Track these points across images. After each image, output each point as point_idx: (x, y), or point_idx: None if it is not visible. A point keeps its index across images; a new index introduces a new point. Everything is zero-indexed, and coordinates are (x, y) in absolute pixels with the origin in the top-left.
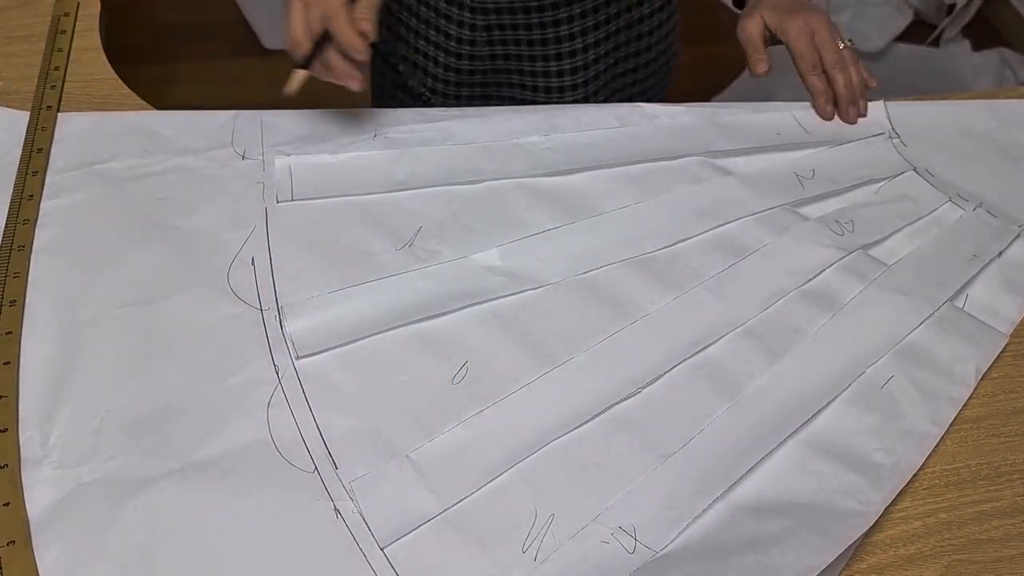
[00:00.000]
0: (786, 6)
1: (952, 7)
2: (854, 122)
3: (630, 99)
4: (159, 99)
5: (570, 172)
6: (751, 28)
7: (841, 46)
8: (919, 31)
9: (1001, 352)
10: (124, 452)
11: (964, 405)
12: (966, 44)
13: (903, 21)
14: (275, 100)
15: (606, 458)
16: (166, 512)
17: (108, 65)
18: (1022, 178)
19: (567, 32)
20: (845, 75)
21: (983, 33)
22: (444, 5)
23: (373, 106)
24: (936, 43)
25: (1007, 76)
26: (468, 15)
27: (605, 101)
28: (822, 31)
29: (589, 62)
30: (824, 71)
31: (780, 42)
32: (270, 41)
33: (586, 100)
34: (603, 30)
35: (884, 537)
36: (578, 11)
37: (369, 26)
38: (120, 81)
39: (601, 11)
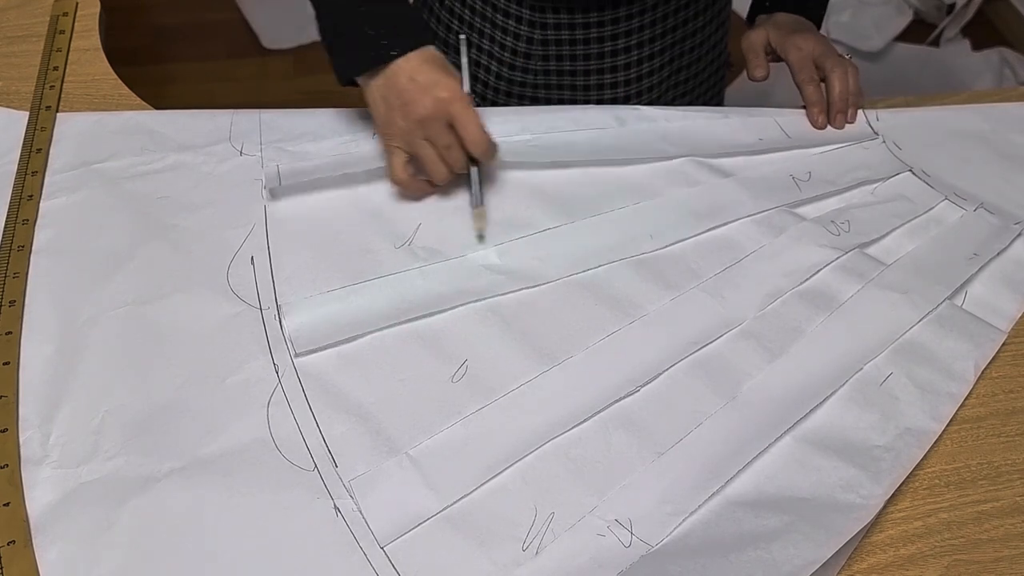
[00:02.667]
0: (790, 27)
1: (952, 7)
2: (841, 127)
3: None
4: (159, 99)
5: (557, 167)
6: (754, 38)
7: (847, 57)
8: (919, 31)
9: (1001, 352)
10: (124, 452)
11: (964, 405)
12: (966, 44)
13: (903, 21)
14: (275, 101)
15: (606, 457)
16: (166, 511)
17: (107, 65)
18: (1019, 176)
19: (623, 45)
20: (843, 82)
21: (983, 33)
22: (501, 18)
23: None
24: (936, 43)
25: (1007, 76)
26: (526, 28)
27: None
28: (820, 48)
29: (643, 74)
30: (823, 78)
31: (780, 59)
32: (270, 41)
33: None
34: (659, 43)
35: (884, 537)
36: (636, 25)
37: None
38: (119, 81)
39: (659, 24)
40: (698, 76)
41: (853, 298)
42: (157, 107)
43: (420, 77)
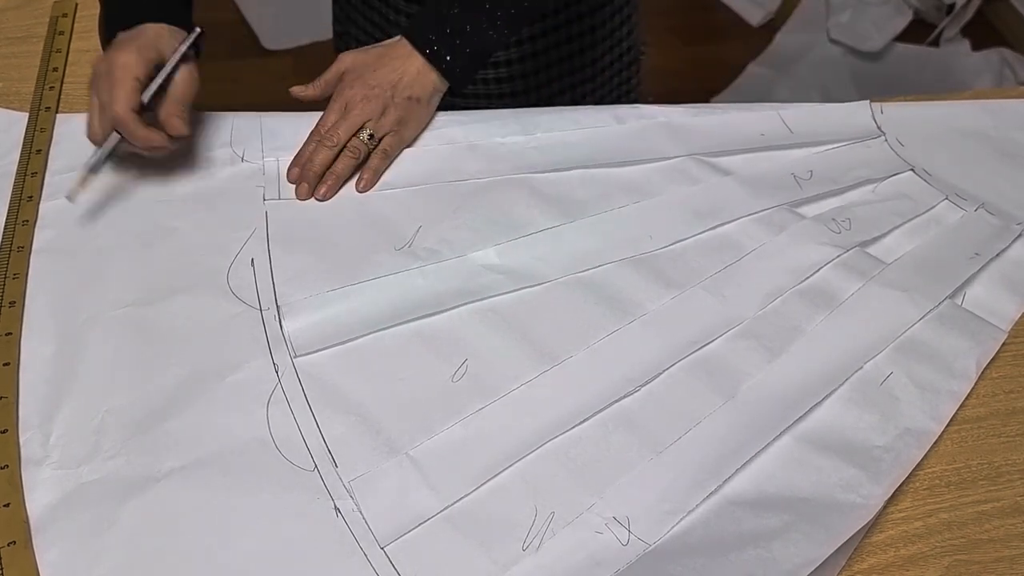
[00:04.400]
0: (364, 66)
1: (952, 7)
2: (303, 199)
3: (575, 101)
4: None
5: (557, 170)
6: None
7: (363, 136)
8: (919, 31)
9: (1001, 352)
10: (124, 452)
11: (964, 405)
12: (966, 44)
13: (903, 21)
14: (275, 101)
15: (606, 456)
16: (166, 511)
17: None
18: (1020, 176)
19: None
20: (328, 155)
21: (983, 33)
22: (384, 7)
23: None
24: (936, 43)
25: (1007, 76)
26: (404, 20)
27: (545, 104)
28: (356, 110)
29: (528, 71)
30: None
31: None
32: (270, 41)
33: (517, 104)
34: (540, 41)
35: (884, 537)
36: None
37: (179, 122)
38: None
39: (536, 24)
40: (596, 64)
41: (854, 296)
42: None
43: (124, 37)
